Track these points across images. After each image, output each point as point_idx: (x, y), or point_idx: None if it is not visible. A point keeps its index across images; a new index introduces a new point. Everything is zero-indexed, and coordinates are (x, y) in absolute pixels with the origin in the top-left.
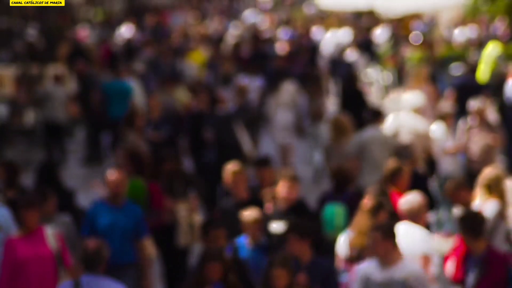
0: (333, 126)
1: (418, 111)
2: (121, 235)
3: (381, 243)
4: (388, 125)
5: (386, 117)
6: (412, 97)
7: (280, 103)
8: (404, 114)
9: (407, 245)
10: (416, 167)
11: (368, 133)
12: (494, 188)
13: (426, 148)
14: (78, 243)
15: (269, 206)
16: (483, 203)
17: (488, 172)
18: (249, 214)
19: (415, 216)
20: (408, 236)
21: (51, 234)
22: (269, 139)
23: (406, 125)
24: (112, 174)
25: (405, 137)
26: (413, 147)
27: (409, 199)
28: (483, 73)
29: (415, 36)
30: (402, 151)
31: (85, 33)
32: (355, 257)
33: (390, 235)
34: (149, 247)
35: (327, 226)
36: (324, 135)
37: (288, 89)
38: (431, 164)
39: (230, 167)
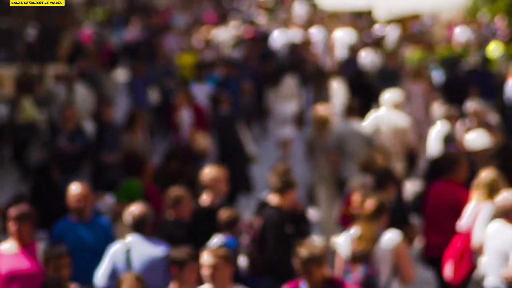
0: (314, 120)
1: (398, 107)
2: (90, 253)
3: (221, 268)
4: (369, 121)
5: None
6: (392, 93)
7: (280, 96)
8: (384, 110)
9: (498, 244)
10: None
11: (346, 127)
12: (491, 191)
13: (405, 144)
14: None
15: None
16: (479, 205)
17: (485, 175)
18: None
19: (508, 214)
20: (500, 235)
21: (42, 250)
22: (268, 134)
23: (386, 122)
24: (74, 189)
25: (385, 133)
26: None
27: (505, 196)
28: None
29: (415, 36)
30: (449, 137)
31: (89, 32)
32: (358, 259)
33: (230, 261)
34: None
35: None
36: None
37: (288, 83)
38: (412, 159)
39: (210, 170)
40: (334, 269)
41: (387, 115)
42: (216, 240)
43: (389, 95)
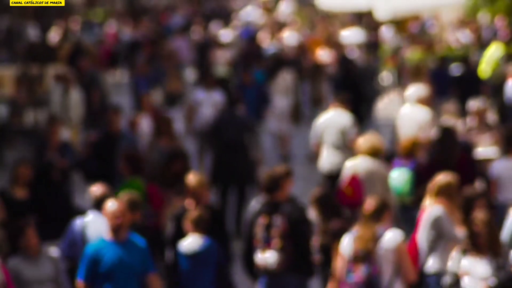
0: None
1: (423, 102)
2: (127, 274)
3: None
4: (398, 117)
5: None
6: (416, 89)
7: (276, 90)
8: (408, 106)
9: None
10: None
11: (327, 118)
12: (443, 194)
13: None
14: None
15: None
16: (430, 208)
17: (439, 178)
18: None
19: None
20: None
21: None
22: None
23: (410, 117)
24: (111, 205)
25: (408, 129)
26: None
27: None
28: (484, 73)
29: (415, 36)
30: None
31: (112, 30)
32: (360, 258)
33: None
34: (157, 284)
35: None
36: None
37: (284, 77)
38: None
39: (194, 176)
40: (335, 269)
41: (410, 110)
42: (192, 240)
43: (413, 90)
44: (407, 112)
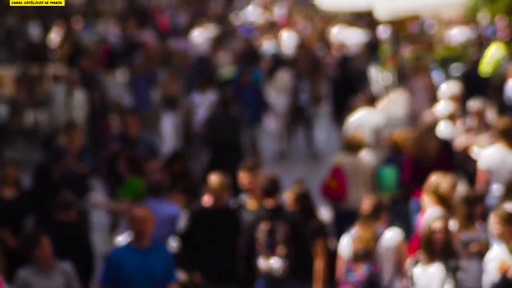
0: None
1: (455, 99)
2: (148, 282)
3: None
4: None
5: (378, 102)
6: (449, 86)
7: (275, 90)
8: (442, 103)
9: None
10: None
11: (359, 116)
12: (441, 195)
13: None
14: None
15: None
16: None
17: (435, 179)
18: None
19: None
20: None
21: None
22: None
23: (443, 114)
24: (136, 211)
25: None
26: None
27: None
28: (484, 73)
29: (415, 36)
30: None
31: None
32: (361, 257)
33: None
34: None
35: (381, 186)
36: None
37: (283, 77)
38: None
39: (216, 177)
40: (336, 270)
41: (444, 107)
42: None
43: (446, 87)
44: (441, 108)
